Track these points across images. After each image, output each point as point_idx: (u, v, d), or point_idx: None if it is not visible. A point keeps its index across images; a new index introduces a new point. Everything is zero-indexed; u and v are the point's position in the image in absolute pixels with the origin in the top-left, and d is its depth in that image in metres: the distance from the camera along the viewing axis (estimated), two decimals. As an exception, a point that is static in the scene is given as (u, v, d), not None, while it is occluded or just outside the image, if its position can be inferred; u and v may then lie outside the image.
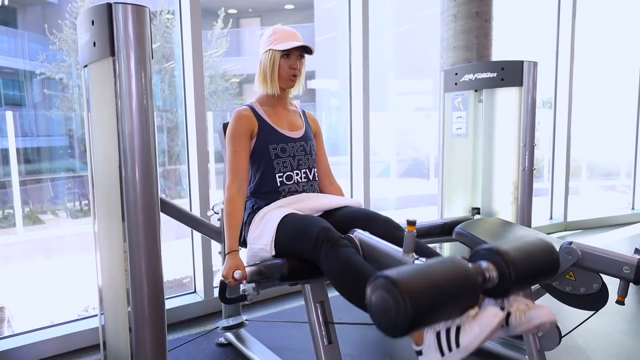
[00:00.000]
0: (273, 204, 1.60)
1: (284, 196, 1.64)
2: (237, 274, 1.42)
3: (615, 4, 5.59)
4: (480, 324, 0.98)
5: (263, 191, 1.66)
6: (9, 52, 6.61)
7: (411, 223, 1.19)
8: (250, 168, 1.68)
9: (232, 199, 1.58)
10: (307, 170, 1.70)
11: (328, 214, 1.62)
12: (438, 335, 1.04)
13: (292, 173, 1.66)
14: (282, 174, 1.65)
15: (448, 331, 1.03)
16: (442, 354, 1.03)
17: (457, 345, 1.00)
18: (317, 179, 1.75)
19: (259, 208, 1.63)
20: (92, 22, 1.28)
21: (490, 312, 0.99)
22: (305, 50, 1.66)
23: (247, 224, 1.66)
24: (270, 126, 1.66)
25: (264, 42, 1.66)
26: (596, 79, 5.70)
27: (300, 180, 1.68)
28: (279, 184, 1.64)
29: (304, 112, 1.83)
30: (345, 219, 1.56)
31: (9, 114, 4.95)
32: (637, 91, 4.72)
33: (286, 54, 1.62)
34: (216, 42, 8.64)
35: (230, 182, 1.60)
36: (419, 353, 1.10)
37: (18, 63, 6.64)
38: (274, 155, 1.64)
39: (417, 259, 1.22)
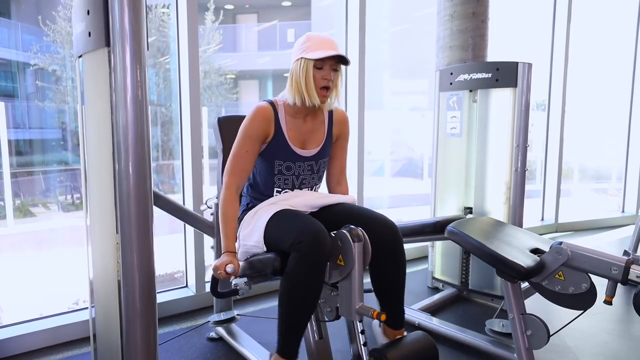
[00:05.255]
0: (266, 202, 1.60)
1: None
2: (229, 268, 1.42)
3: (609, 8, 5.64)
4: None
5: (258, 195, 1.65)
6: (2, 43, 6.54)
7: (379, 315, 1.35)
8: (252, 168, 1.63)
9: (230, 199, 1.53)
10: (308, 189, 1.66)
11: (322, 210, 1.62)
12: None
13: (290, 190, 1.62)
14: (280, 189, 1.62)
15: None
16: None
17: None
18: None
19: (253, 206, 1.63)
20: (88, 11, 1.27)
21: None
22: (341, 60, 1.51)
23: (239, 221, 1.65)
24: (284, 139, 1.56)
25: (297, 49, 1.53)
26: (589, 83, 5.75)
27: None
28: (274, 195, 1.63)
29: (331, 114, 1.66)
30: (340, 216, 1.57)
31: (0, 105, 4.90)
32: (629, 95, 4.77)
33: (319, 66, 1.48)
34: (209, 35, 8.60)
35: (231, 180, 1.53)
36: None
37: (11, 54, 6.56)
38: (277, 171, 1.59)
39: (360, 320, 1.43)
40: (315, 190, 1.71)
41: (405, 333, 1.58)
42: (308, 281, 1.38)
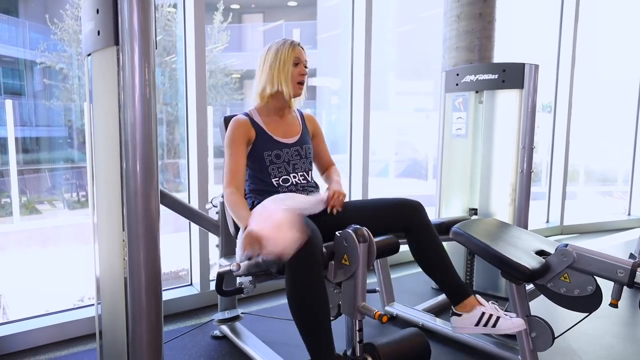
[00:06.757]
0: (269, 198, 1.61)
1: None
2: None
3: (617, 10, 5.61)
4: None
5: (261, 188, 1.68)
6: (10, 41, 6.59)
7: (381, 317, 1.39)
8: (247, 171, 1.72)
9: (233, 192, 1.61)
10: (304, 173, 1.74)
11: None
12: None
13: (288, 176, 1.69)
14: (277, 178, 1.68)
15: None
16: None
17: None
18: (314, 180, 1.79)
19: (260, 203, 1.64)
20: (97, 10, 1.28)
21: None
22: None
23: None
24: (266, 133, 1.70)
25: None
26: (596, 85, 5.72)
27: (298, 182, 1.71)
28: (276, 186, 1.68)
29: (301, 114, 1.86)
30: (359, 214, 1.64)
31: (8, 103, 4.94)
32: (636, 98, 4.74)
33: (297, 62, 1.67)
34: (217, 36, 8.62)
35: (229, 182, 1.63)
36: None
37: (19, 52, 6.62)
38: (269, 161, 1.68)
39: (361, 319, 1.46)
40: (309, 176, 1.76)
41: (477, 297, 1.58)
42: (309, 284, 1.36)
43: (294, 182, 1.69)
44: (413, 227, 1.63)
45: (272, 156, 1.68)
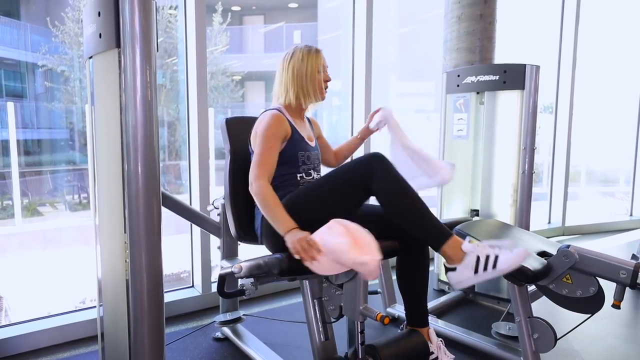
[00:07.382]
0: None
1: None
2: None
3: (618, 11, 5.61)
4: (518, 255, 1.34)
5: (283, 187, 1.66)
6: (11, 44, 6.60)
7: (383, 318, 1.39)
8: None
9: (266, 186, 1.54)
10: (319, 175, 1.78)
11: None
12: (478, 258, 1.37)
13: (305, 176, 1.72)
14: (300, 174, 1.70)
15: (488, 257, 1.36)
16: (476, 272, 1.36)
17: (494, 267, 1.35)
18: None
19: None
20: (99, 13, 1.28)
21: (523, 250, 1.35)
22: None
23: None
24: (299, 134, 1.71)
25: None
26: (597, 86, 5.72)
27: (316, 177, 1.75)
28: (299, 179, 1.69)
29: (308, 119, 1.88)
30: (369, 217, 1.62)
31: (10, 105, 4.95)
32: (637, 98, 4.73)
33: (320, 69, 1.72)
34: (216, 37, 8.64)
35: (261, 174, 1.56)
36: (451, 269, 1.42)
37: (20, 55, 6.63)
38: (301, 161, 1.69)
39: (362, 321, 1.48)
40: (319, 174, 1.79)
41: (430, 332, 1.65)
42: (401, 180, 1.49)
43: (315, 177, 1.74)
44: (414, 247, 1.65)
45: (304, 157, 1.70)
